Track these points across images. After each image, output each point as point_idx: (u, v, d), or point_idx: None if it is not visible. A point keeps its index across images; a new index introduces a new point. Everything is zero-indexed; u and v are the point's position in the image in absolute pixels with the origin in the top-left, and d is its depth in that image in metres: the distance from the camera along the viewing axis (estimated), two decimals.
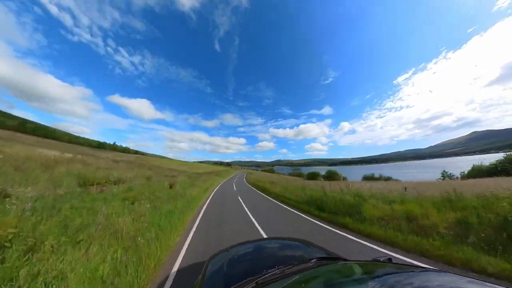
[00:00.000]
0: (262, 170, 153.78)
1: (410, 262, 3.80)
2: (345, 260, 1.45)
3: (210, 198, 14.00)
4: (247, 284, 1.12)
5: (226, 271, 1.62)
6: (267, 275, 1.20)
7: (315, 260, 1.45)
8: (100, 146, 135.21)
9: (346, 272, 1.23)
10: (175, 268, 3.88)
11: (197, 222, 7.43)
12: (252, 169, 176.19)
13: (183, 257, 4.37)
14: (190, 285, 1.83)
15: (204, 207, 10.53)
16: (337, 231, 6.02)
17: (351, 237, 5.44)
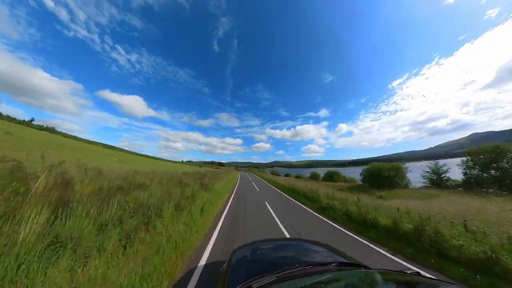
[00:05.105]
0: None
1: (441, 278, 3.55)
2: (367, 268, 1.42)
3: None
4: (268, 276, 1.20)
5: (249, 263, 1.73)
6: (287, 271, 1.25)
7: (336, 264, 1.47)
8: None
9: (368, 279, 1.20)
10: None
11: None
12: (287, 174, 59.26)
13: None
14: (217, 273, 1.99)
15: None
16: None
17: None
